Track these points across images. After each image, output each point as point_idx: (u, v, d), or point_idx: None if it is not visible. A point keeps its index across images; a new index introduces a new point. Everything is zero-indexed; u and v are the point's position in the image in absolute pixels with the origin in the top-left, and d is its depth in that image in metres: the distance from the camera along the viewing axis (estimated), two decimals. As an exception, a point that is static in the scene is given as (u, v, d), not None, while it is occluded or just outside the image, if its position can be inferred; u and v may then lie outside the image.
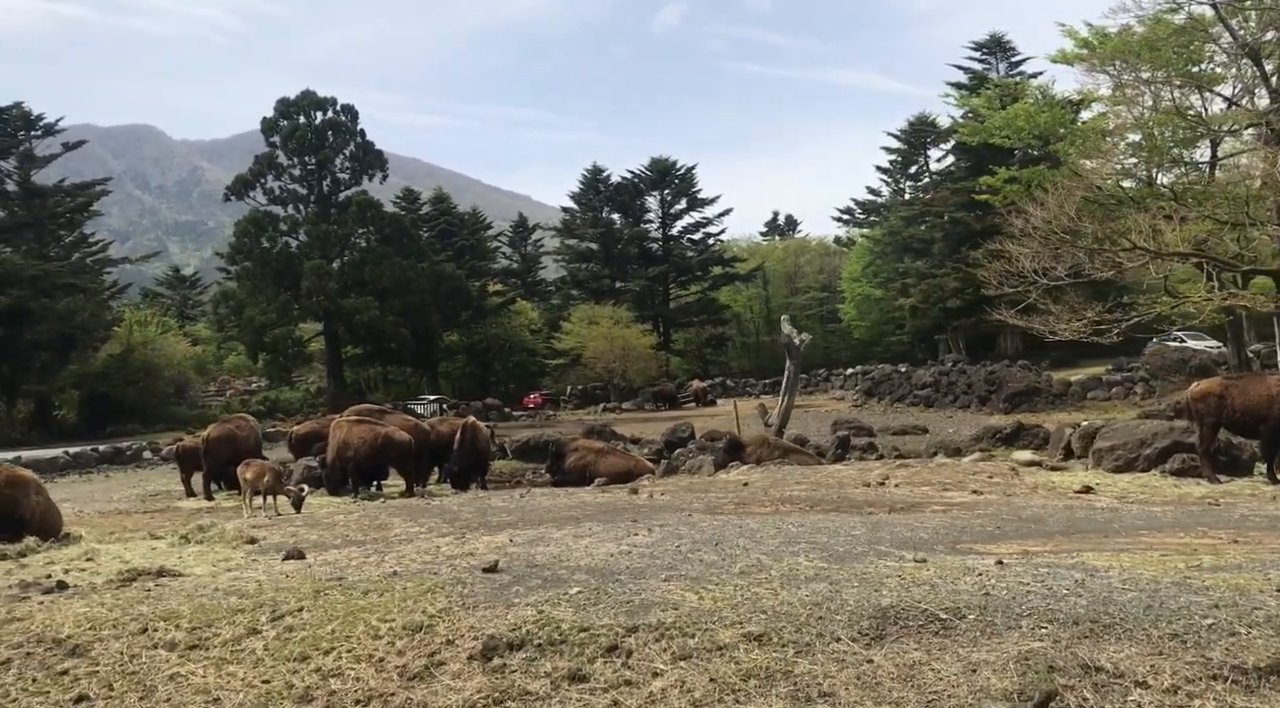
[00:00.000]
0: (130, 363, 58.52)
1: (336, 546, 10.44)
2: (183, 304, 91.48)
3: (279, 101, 51.47)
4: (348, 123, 51.74)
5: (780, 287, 79.69)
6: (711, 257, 73.44)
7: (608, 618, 6.20)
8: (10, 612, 7.55)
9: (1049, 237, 21.07)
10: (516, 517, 11.75)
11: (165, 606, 7.36)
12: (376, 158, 52.55)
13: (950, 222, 51.68)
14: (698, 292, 73.70)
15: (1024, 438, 22.68)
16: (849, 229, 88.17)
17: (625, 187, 73.48)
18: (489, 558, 8.48)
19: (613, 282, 71.44)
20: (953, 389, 45.36)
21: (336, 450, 17.87)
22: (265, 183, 50.87)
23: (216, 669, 5.99)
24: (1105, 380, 40.31)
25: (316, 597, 7.30)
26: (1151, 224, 21.38)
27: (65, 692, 5.69)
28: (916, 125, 73.03)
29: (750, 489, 13.90)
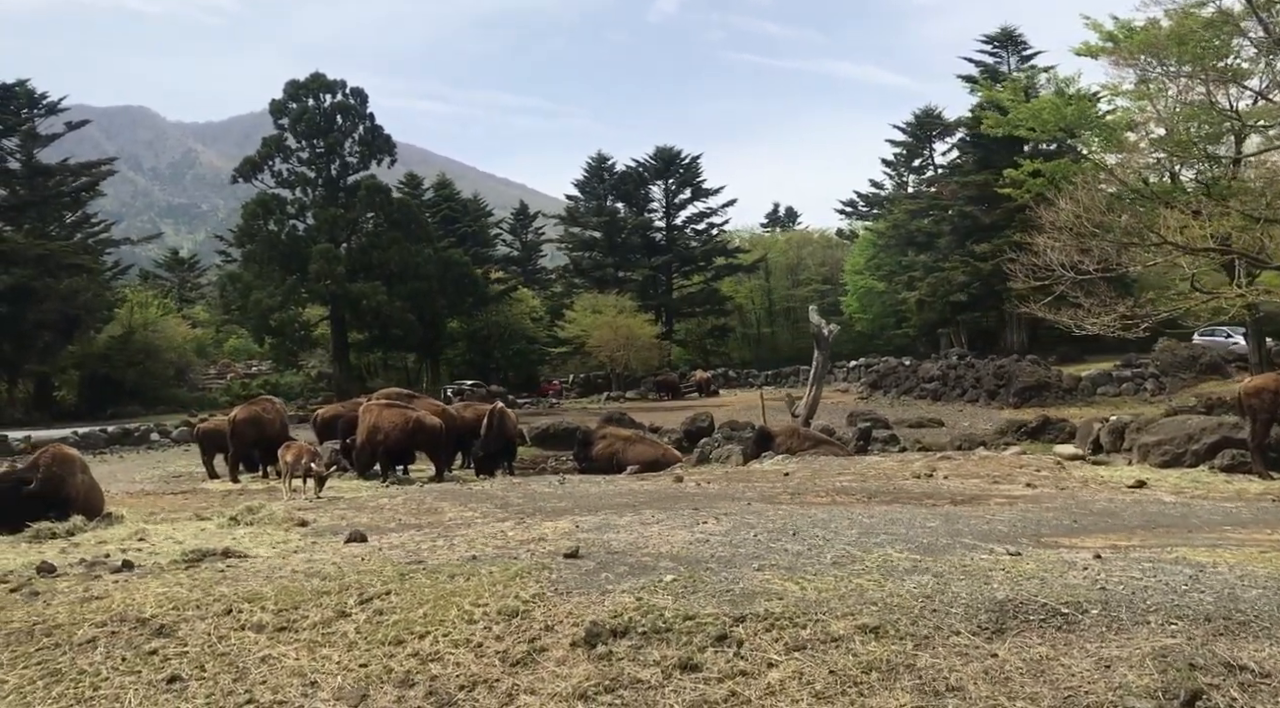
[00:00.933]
0: (131, 344, 58.24)
1: (393, 529, 10.32)
2: (181, 287, 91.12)
3: (288, 84, 51.06)
4: (357, 106, 51.35)
5: (782, 278, 79.61)
6: (715, 247, 73.26)
7: (711, 607, 6.10)
8: (87, 590, 7.44)
9: (1080, 230, 20.92)
10: (570, 503, 11.62)
11: (246, 587, 7.25)
12: (385, 142, 52.19)
13: (959, 215, 51.55)
14: (700, 282, 73.52)
15: (1049, 432, 22.63)
16: (851, 222, 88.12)
17: (630, 175, 73.21)
18: (563, 544, 8.37)
19: (616, 270, 71.19)
20: (960, 383, 45.28)
21: (366, 434, 17.69)
22: (273, 165, 50.44)
23: (309, 652, 5.89)
24: (1115, 376, 40.25)
25: (401, 580, 7.19)
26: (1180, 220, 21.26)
27: (156, 672, 5.61)
28: (922, 118, 72.97)
29: (794, 479, 13.78)
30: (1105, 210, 21.14)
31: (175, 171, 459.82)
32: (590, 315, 62.39)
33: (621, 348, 58.66)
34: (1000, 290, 50.09)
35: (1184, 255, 19.86)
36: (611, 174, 73.33)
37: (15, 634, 6.40)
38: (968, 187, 51.73)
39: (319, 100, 50.87)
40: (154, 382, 59.77)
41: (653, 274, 71.09)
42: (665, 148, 73.26)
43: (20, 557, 9.55)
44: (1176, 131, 25.55)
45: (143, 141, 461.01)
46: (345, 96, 51.43)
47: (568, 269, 75.39)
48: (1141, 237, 20.78)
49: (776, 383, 64.64)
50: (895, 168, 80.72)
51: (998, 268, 50.34)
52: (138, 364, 58.32)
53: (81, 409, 54.25)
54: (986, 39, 54.35)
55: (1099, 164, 25.99)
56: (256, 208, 48.81)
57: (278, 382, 65.04)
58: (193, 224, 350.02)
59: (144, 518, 12.30)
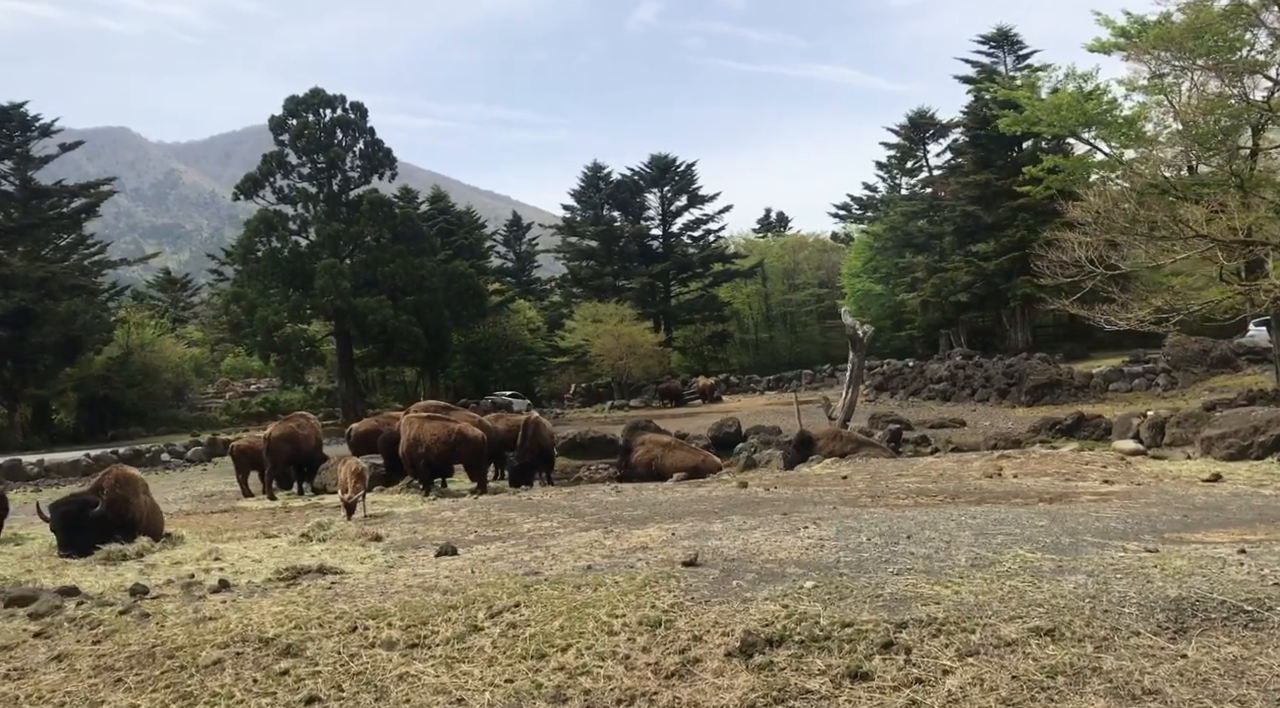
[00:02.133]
0: (130, 365, 57.85)
1: (475, 541, 10.12)
2: (174, 306, 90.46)
3: (288, 99, 50.70)
4: (357, 120, 51.01)
5: (778, 283, 79.49)
6: (713, 253, 73.15)
7: (867, 613, 5.95)
8: (197, 611, 7.25)
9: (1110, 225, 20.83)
10: (645, 511, 11.41)
11: (365, 604, 7.07)
12: (386, 156, 51.88)
13: (961, 215, 51.58)
14: (698, 289, 73.39)
15: (1085, 428, 22.51)
16: (846, 225, 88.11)
17: (626, 184, 73.03)
18: (670, 552, 8.21)
19: (615, 279, 71.00)
20: (970, 383, 45.15)
21: (408, 446, 17.45)
22: (274, 182, 50.05)
23: (447, 668, 5.73)
24: (1126, 372, 40.13)
25: (527, 592, 7.03)
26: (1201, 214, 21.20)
27: (292, 693, 5.47)
28: (916, 120, 73.03)
29: (856, 482, 13.60)
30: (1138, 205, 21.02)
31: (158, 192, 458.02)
32: (591, 325, 62.16)
33: (624, 356, 58.41)
34: (1004, 290, 50.18)
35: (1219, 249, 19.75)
36: (607, 183, 73.16)
37: (136, 657, 6.23)
38: (969, 187, 51.77)
39: (319, 115, 50.56)
40: (153, 402, 59.32)
41: (651, 282, 70.91)
42: (660, 156, 73.19)
43: (103, 579, 9.34)
44: (1194, 125, 25.48)
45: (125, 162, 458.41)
46: (345, 111, 51.14)
47: (565, 279, 75.20)
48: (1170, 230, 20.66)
49: (779, 388, 64.54)
50: (888, 170, 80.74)
51: (1001, 267, 50.58)
52: (137, 385, 57.91)
53: (80, 432, 53.73)
54: (983, 39, 54.54)
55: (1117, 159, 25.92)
56: (259, 225, 48.43)
57: (278, 399, 64.60)
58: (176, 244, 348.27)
59: (205, 538, 12.04)
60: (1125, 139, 25.93)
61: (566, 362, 67.87)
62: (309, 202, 50.33)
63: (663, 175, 72.68)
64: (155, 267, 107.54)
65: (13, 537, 13.48)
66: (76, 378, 53.82)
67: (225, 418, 59.66)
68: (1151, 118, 25.98)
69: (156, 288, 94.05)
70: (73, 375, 53.41)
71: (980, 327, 62.31)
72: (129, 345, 58.64)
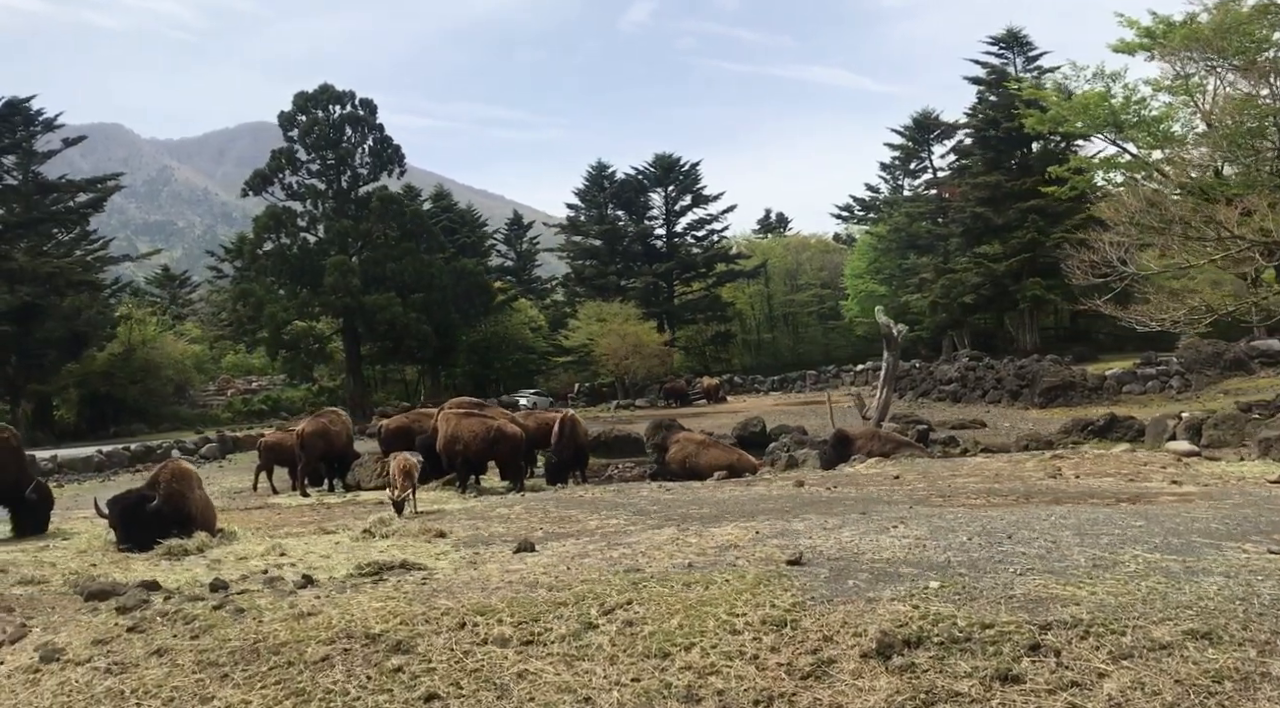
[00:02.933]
0: (132, 362, 57.53)
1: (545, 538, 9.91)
2: (172, 303, 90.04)
3: (297, 95, 50.36)
4: (366, 117, 50.76)
5: (780, 284, 79.45)
6: (716, 254, 73.05)
7: (1004, 614, 5.78)
8: (293, 606, 7.04)
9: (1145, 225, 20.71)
10: (712, 509, 11.20)
11: (469, 600, 6.88)
12: (395, 153, 51.59)
13: (971, 216, 51.51)
14: (701, 289, 73.29)
15: (1117, 430, 22.38)
16: (848, 226, 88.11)
17: (630, 183, 72.90)
18: (764, 551, 8.01)
19: (619, 279, 70.84)
20: (980, 384, 45.10)
21: (445, 443, 17.24)
22: (283, 178, 49.75)
23: (567, 666, 5.56)
24: (1140, 374, 40.06)
25: (636, 590, 6.83)
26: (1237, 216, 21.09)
27: (409, 690, 5.34)
28: (920, 121, 73.00)
29: (912, 482, 13.42)
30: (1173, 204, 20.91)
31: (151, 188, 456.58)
32: (596, 324, 61.99)
33: (629, 356, 58.23)
34: (1014, 291, 50.09)
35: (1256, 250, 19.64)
36: (612, 182, 72.99)
37: (239, 652, 6.02)
38: (979, 188, 51.70)
39: (328, 112, 50.29)
40: (154, 399, 59.07)
41: (654, 282, 70.77)
42: (664, 155, 73.06)
43: (171, 574, 9.14)
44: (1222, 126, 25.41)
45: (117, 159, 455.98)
46: (354, 107, 50.89)
47: (569, 278, 74.98)
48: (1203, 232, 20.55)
49: (784, 388, 64.54)
50: (891, 171, 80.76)
51: (1010, 269, 50.51)
52: (139, 382, 57.63)
53: (82, 428, 53.41)
54: (992, 40, 54.43)
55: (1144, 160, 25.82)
56: (268, 221, 48.13)
57: (279, 397, 64.36)
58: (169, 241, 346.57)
59: (259, 534, 11.82)
60: (1153, 140, 25.80)
61: (570, 361, 67.68)
62: (318, 198, 50.01)
63: (667, 175, 72.57)
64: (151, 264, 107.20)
65: (55, 531, 13.27)
66: (79, 374, 53.45)
67: (227, 415, 59.33)
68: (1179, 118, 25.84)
69: (155, 285, 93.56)
70: (75, 372, 53.05)
71: (982, 329, 62.32)
72: (131, 342, 58.35)
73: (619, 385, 62.36)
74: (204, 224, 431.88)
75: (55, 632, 6.95)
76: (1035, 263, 50.26)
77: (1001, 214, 50.50)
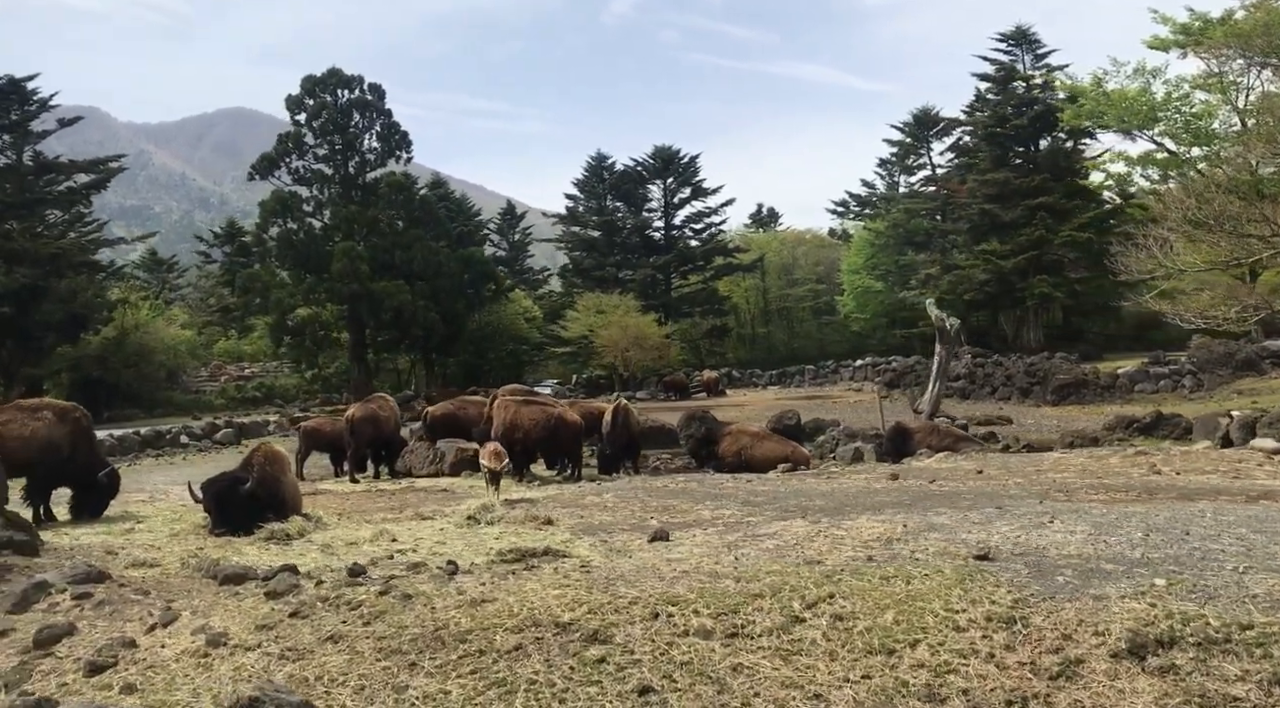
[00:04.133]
0: (126, 346, 56.80)
1: (668, 527, 9.56)
2: (160, 288, 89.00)
3: (305, 79, 49.71)
4: (375, 102, 50.11)
5: (776, 278, 79.28)
6: (715, 247, 72.77)
7: (1259, 614, 5.52)
8: (462, 593, 6.72)
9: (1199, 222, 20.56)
10: (826, 502, 10.88)
11: (651, 589, 6.57)
12: (403, 139, 51.03)
13: (978, 213, 51.46)
14: (698, 282, 73.04)
15: (1164, 427, 22.24)
16: (843, 221, 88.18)
17: (629, 175, 72.52)
18: (930, 544, 7.73)
19: (617, 270, 70.49)
20: (990, 381, 45.07)
21: (504, 431, 16.86)
22: (290, 162, 49.04)
23: (784, 661, 5.28)
24: (1153, 373, 40.10)
25: (833, 583, 6.52)
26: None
27: (619, 682, 5.10)
28: (921, 117, 73.04)
29: (1000, 477, 13.17)
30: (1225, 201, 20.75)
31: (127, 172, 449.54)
32: (596, 316, 61.64)
33: (630, 348, 57.92)
34: (1021, 288, 50.09)
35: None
36: (611, 173, 72.58)
37: (421, 640, 5.75)
38: (987, 185, 51.61)
39: (336, 96, 49.61)
40: (147, 384, 58.24)
41: (653, 274, 70.46)
42: (664, 147, 72.75)
43: (298, 557, 8.82)
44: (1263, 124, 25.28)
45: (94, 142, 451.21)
46: (363, 92, 50.18)
47: (566, 269, 74.50)
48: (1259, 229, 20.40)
49: (782, 383, 64.29)
50: (888, 167, 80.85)
51: (1018, 266, 50.48)
52: (132, 367, 56.91)
53: (74, 412, 52.50)
54: (1001, 37, 54.38)
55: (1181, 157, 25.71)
56: (275, 205, 47.38)
57: (274, 384, 63.68)
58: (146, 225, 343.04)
59: (349, 520, 11.45)
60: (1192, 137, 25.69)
61: (569, 352, 67.31)
62: (325, 183, 49.35)
63: (666, 167, 72.25)
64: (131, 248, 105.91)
65: (121, 515, 12.83)
66: (71, 358, 52.67)
67: (220, 402, 58.59)
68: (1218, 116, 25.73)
69: (142, 269, 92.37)
70: (67, 355, 52.26)
71: (977, 326, 62.32)
72: (124, 326, 57.61)
73: (616, 378, 62.01)
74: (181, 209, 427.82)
75: (205, 615, 6.60)
76: (1040, 261, 50.28)
77: (1009, 211, 50.45)
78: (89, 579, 7.77)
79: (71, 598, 7.20)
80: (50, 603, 7.20)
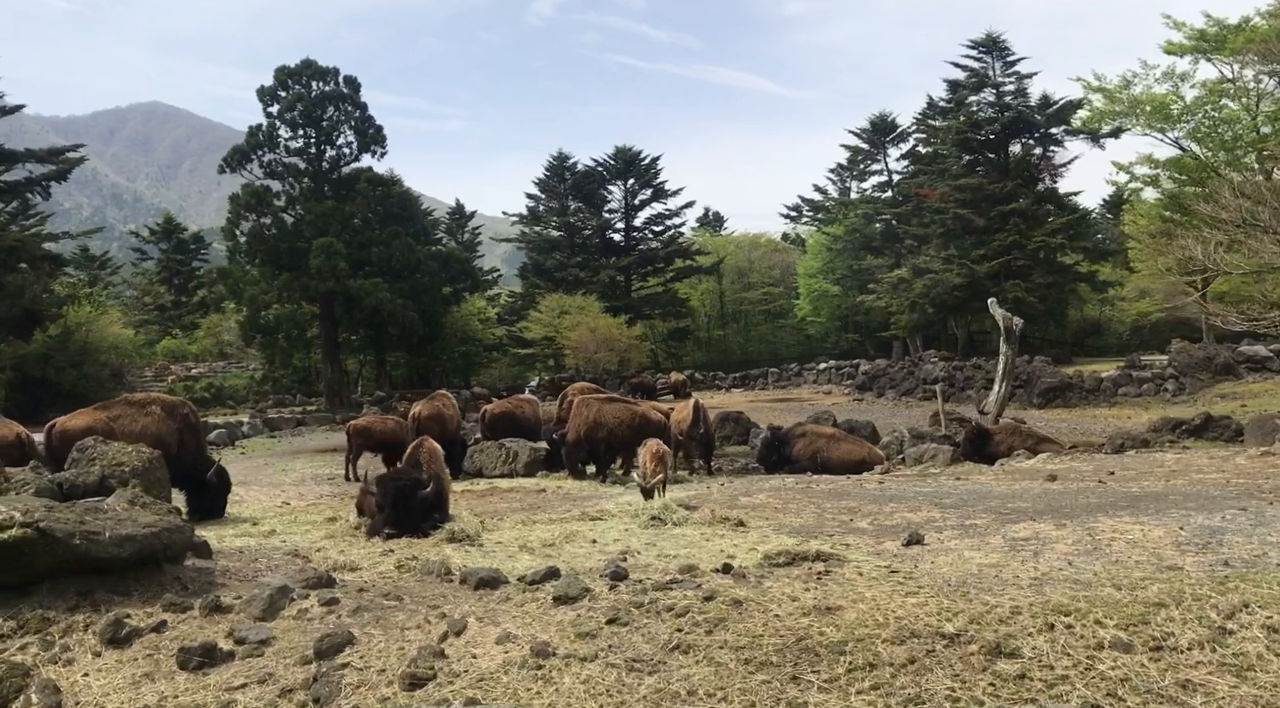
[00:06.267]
0: (70, 344, 54.55)
1: (890, 530, 8.98)
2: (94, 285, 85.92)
3: (278, 70, 47.91)
4: (351, 95, 48.57)
5: (732, 282, 79.21)
6: (677, 249, 72.36)
7: None
8: (795, 600, 6.04)
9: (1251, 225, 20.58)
10: (1035, 504, 10.31)
11: (1016, 597, 5.94)
12: (378, 133, 49.48)
13: (953, 218, 51.76)
14: (658, 284, 72.59)
15: (1213, 430, 22.24)
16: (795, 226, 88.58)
17: (591, 175, 71.74)
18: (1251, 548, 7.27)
19: (579, 270, 69.67)
20: (970, 383, 45.31)
21: (586, 429, 16.14)
22: (261, 156, 47.27)
23: (1238, 678, 4.78)
24: (1136, 377, 40.64)
25: (1235, 592, 5.97)
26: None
27: (1058, 701, 4.61)
28: (877, 123, 73.61)
29: (1131, 477, 12.79)
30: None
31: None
32: (557, 316, 60.83)
33: (599, 349, 57.23)
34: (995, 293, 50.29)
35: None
36: (573, 173, 71.73)
37: (787, 651, 5.21)
38: (961, 190, 51.94)
39: (309, 88, 47.99)
40: (90, 384, 55.87)
41: (614, 275, 69.82)
42: (625, 148, 72.12)
43: (508, 560, 8.16)
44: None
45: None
46: (338, 85, 48.61)
47: (526, 269, 73.39)
48: None
49: (745, 385, 64.08)
50: (840, 174, 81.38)
51: (992, 270, 50.83)
52: (76, 366, 54.69)
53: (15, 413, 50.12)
54: (971, 44, 54.77)
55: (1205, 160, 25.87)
56: (249, 199, 45.60)
57: (222, 384, 61.70)
58: (55, 223, 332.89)
59: (507, 522, 10.64)
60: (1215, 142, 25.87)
61: (531, 353, 66.37)
62: (298, 177, 47.74)
63: (628, 168, 71.63)
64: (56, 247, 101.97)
65: (232, 516, 11.86)
66: (11, 356, 50.28)
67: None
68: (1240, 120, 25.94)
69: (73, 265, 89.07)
70: (7, 353, 49.87)
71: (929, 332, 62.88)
72: (67, 324, 55.38)
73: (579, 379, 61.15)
74: (92, 205, 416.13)
75: (492, 623, 5.88)
76: (1010, 266, 50.76)
77: (982, 216, 50.82)
78: (321, 584, 7.02)
79: (320, 604, 6.47)
80: (299, 609, 6.43)
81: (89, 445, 9.11)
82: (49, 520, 6.57)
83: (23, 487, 7.99)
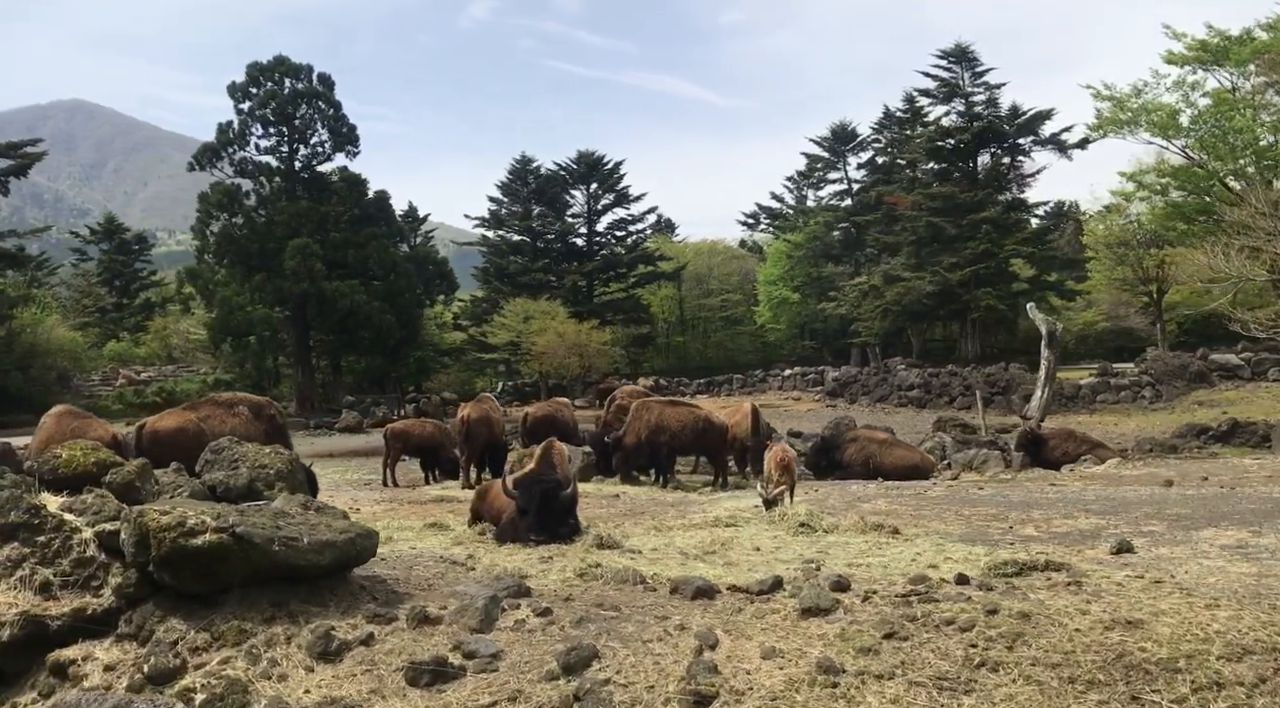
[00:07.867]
0: (17, 347, 52.83)
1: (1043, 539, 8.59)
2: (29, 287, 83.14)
3: (250, 66, 46.41)
4: (325, 93, 47.29)
5: (693, 288, 79.01)
6: (640, 255, 71.91)
7: None
8: (1084, 613, 5.60)
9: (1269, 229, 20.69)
10: (1157, 510, 10.02)
11: None
12: (352, 133, 48.24)
13: (925, 225, 52.03)
14: (620, 290, 72.10)
15: (1240, 435, 22.37)
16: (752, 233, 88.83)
17: (554, 179, 70.99)
18: None
19: (544, 274, 68.94)
20: (947, 391, 45.57)
21: (648, 433, 15.61)
22: (232, 153, 45.85)
23: None
24: (1113, 384, 41.18)
25: None
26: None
27: None
28: (838, 132, 74.02)
29: (1226, 481, 12.63)
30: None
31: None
32: (521, 322, 60.05)
33: (568, 355, 56.60)
34: (967, 300, 50.75)
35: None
36: (536, 177, 70.93)
37: (1109, 668, 4.84)
38: (933, 198, 52.24)
39: (282, 85, 46.63)
40: (36, 388, 54.11)
41: (577, 280, 69.23)
42: (588, 152, 71.47)
43: (680, 568, 7.52)
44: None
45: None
46: (311, 83, 47.34)
47: (488, 273, 72.30)
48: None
49: (710, 391, 63.77)
50: (797, 182, 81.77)
51: (964, 278, 51.15)
52: (22, 369, 52.96)
53: (-44, 418, 48.30)
54: (941, 54, 55.18)
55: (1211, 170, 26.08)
56: (220, 198, 44.16)
57: (174, 388, 59.92)
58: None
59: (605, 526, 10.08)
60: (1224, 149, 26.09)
61: (494, 359, 65.46)
62: (271, 176, 46.40)
63: (590, 173, 71.02)
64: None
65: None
66: (-41, 361, 48.55)
67: (119, 407, 54.73)
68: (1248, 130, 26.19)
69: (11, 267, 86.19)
70: (-53, 357, 48.16)
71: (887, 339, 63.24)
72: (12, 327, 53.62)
73: (543, 385, 60.47)
74: (10, 205, 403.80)
75: (740, 636, 5.44)
76: (979, 274, 51.13)
77: (955, 224, 51.14)
78: (520, 593, 6.47)
79: (534, 614, 5.87)
80: (514, 620, 5.85)
81: (224, 447, 8.39)
82: (245, 526, 5.91)
83: (175, 489, 7.25)
